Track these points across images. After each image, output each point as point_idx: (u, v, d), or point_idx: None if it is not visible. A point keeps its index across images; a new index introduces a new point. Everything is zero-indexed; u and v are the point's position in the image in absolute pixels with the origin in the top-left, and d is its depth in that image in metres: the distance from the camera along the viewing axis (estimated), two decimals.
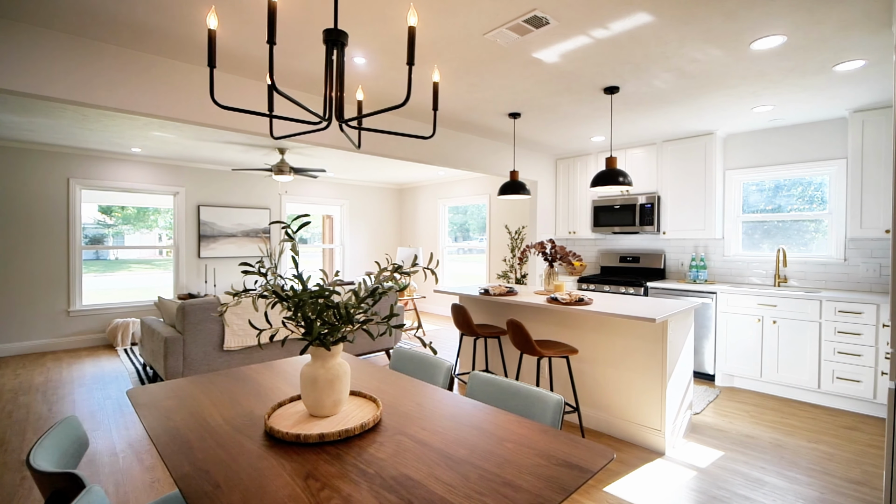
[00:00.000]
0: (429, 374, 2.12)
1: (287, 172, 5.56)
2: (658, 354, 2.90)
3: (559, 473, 1.11)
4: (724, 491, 2.48)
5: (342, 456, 1.19)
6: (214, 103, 1.20)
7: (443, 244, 8.16)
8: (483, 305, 4.04)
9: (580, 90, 3.34)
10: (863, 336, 3.44)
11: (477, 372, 1.89)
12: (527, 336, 2.87)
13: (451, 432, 1.34)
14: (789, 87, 3.23)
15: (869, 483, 2.55)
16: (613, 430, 3.13)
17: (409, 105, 3.73)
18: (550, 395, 1.61)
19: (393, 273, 1.42)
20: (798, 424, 3.33)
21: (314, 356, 1.40)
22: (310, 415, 1.43)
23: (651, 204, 4.85)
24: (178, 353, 3.54)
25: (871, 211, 3.64)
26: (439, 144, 4.41)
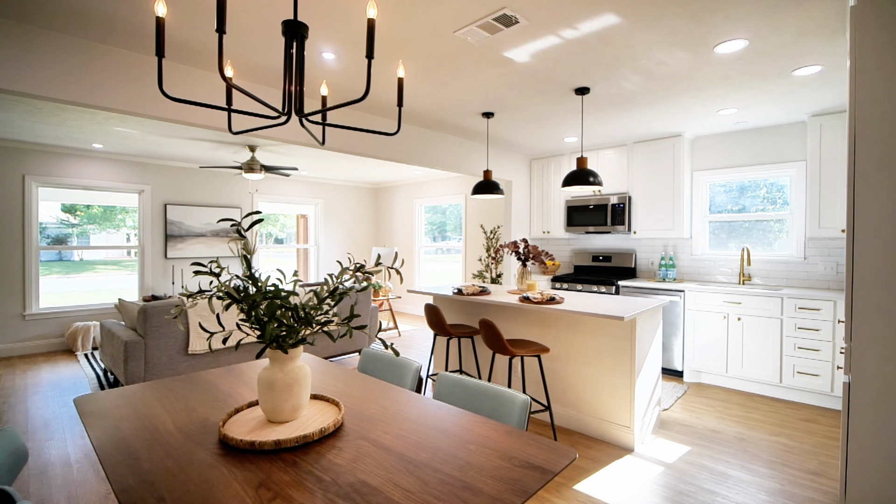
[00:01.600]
0: (397, 375, 2.09)
1: (258, 170, 5.43)
2: (627, 352, 2.94)
3: (521, 475, 1.09)
4: (690, 486, 2.52)
5: (298, 463, 1.14)
6: (163, 94, 1.14)
7: (419, 244, 8.11)
8: (456, 305, 4.02)
9: (552, 91, 3.36)
10: (821, 332, 3.57)
11: (444, 373, 1.87)
12: (498, 335, 2.86)
13: (413, 436, 1.32)
14: (752, 91, 3.33)
15: (826, 474, 2.64)
16: (584, 428, 3.16)
17: (380, 102, 3.68)
18: (517, 395, 1.60)
19: (354, 273, 1.38)
20: (761, 418, 3.44)
21: (272, 360, 1.35)
22: (268, 421, 1.38)
23: (622, 204, 4.93)
24: (139, 358, 3.40)
25: (828, 211, 3.78)
26: (413, 143, 4.38)
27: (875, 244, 1.88)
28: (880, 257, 1.87)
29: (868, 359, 1.92)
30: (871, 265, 1.89)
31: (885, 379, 1.89)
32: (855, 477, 1.97)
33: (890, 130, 1.83)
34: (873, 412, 1.92)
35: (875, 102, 1.87)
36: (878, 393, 1.90)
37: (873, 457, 1.92)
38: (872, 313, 1.90)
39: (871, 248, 1.88)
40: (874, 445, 1.92)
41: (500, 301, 3.29)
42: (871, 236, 1.89)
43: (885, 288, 1.85)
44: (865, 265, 1.90)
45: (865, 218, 1.90)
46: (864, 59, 1.88)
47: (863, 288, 1.92)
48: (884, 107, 1.85)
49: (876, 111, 1.87)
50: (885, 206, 1.84)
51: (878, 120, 1.87)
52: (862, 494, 1.95)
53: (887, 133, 1.84)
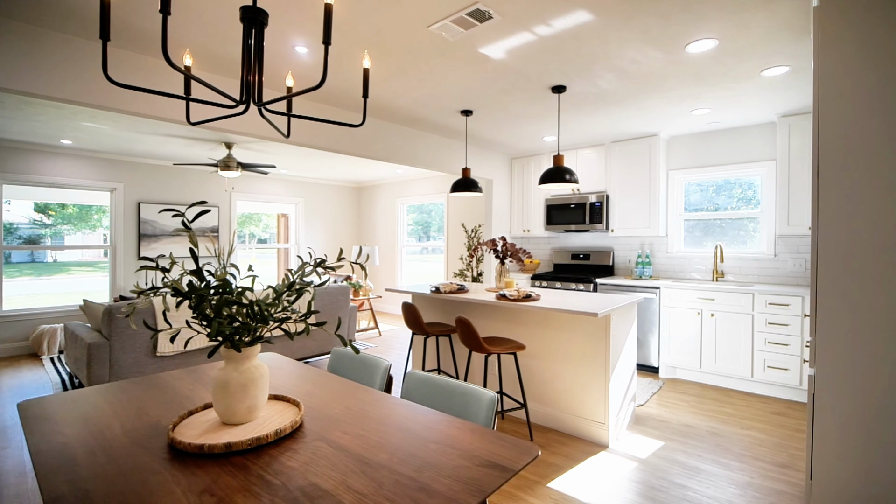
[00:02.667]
0: (367, 374, 2.05)
1: (234, 168, 5.31)
2: (602, 348, 2.94)
3: (480, 474, 1.07)
4: (663, 480, 2.54)
5: (249, 467, 1.10)
6: (108, 79, 1.08)
7: (401, 243, 8.06)
8: (435, 304, 3.99)
9: (529, 88, 3.35)
10: (790, 327, 3.64)
11: (414, 371, 1.84)
12: (474, 333, 2.84)
13: (374, 436, 1.28)
14: (724, 91, 3.37)
15: (794, 466, 2.69)
16: (560, 425, 3.16)
17: (355, 98, 3.63)
18: (484, 393, 1.58)
19: (315, 268, 1.34)
20: (733, 412, 3.49)
21: (227, 359, 1.30)
22: (222, 423, 1.32)
23: (600, 203, 4.96)
24: (103, 361, 3.28)
25: (797, 209, 3.86)
26: (393, 141, 4.33)
27: (838, 241, 1.91)
28: (843, 254, 1.90)
29: (832, 353, 1.95)
30: (834, 262, 1.92)
31: (847, 372, 1.92)
32: (820, 468, 2.00)
33: (852, 131, 1.86)
34: (837, 405, 1.95)
35: (838, 103, 1.90)
36: (842, 386, 1.93)
37: (837, 448, 1.95)
38: (836, 308, 1.93)
39: (835, 245, 1.91)
40: (838, 437, 1.95)
41: (477, 299, 3.27)
42: (835, 234, 1.92)
43: (847, 284, 1.88)
44: (829, 262, 1.93)
45: (829, 216, 1.93)
46: (826, 59, 1.91)
47: (827, 284, 1.95)
48: (846, 107, 1.88)
49: (839, 111, 1.90)
50: (847, 205, 1.87)
51: (841, 120, 1.90)
52: (827, 485, 1.98)
53: (850, 133, 1.87)
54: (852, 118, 1.86)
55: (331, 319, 4.59)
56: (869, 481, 1.87)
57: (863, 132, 1.84)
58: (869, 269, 1.83)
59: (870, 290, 1.82)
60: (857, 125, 1.85)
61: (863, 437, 1.89)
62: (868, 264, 1.83)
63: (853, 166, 1.85)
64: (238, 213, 7.42)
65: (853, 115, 1.86)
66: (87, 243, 7.60)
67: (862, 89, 1.83)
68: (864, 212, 1.83)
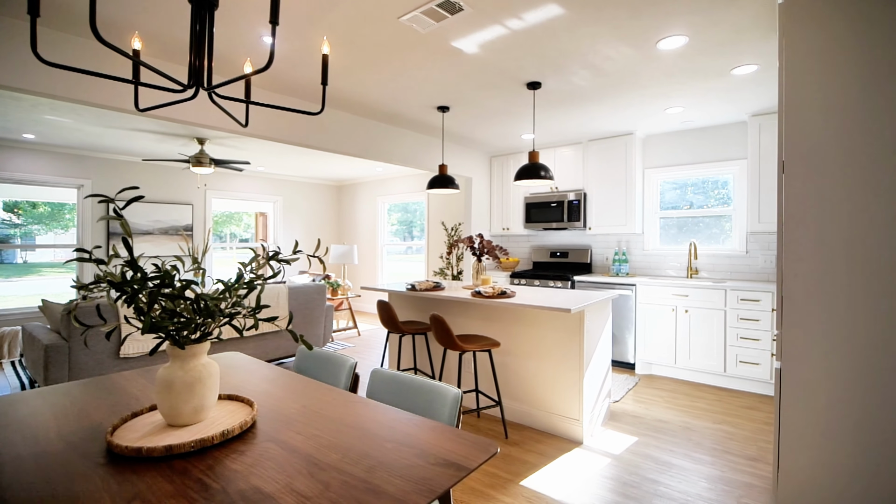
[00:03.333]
0: (332, 373, 1.99)
1: (207, 164, 5.17)
2: (576, 345, 2.93)
3: (434, 474, 1.03)
4: (635, 476, 2.54)
5: (189, 470, 1.04)
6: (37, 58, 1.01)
7: (382, 242, 7.98)
8: (410, 302, 3.94)
9: (504, 84, 3.32)
10: (760, 322, 3.70)
11: (379, 369, 1.79)
12: (448, 330, 2.80)
13: (328, 436, 1.23)
14: (695, 90, 3.40)
15: (763, 459, 2.72)
16: (535, 423, 3.14)
17: (329, 93, 3.55)
18: (449, 390, 1.54)
19: (268, 261, 1.28)
20: (706, 407, 3.52)
21: (171, 357, 1.23)
22: (167, 424, 1.25)
23: (578, 201, 4.97)
24: (61, 363, 3.15)
25: (767, 207, 3.92)
26: (369, 137, 4.26)
27: (802, 237, 1.92)
28: (807, 249, 1.92)
29: (797, 346, 1.96)
30: (799, 257, 1.94)
31: (812, 365, 1.94)
32: (787, 460, 2.01)
33: (817, 128, 1.88)
34: (802, 397, 1.96)
35: (803, 100, 1.91)
36: (807, 379, 1.95)
37: (802, 440, 1.97)
38: (801, 302, 1.95)
39: (799, 240, 1.93)
40: (803, 429, 1.97)
41: (452, 296, 3.23)
42: (799, 229, 1.93)
43: (812, 278, 1.89)
44: (794, 257, 1.95)
45: (793, 212, 1.94)
46: (792, 57, 1.92)
47: (791, 278, 1.96)
48: (811, 105, 1.89)
49: (803, 109, 1.91)
50: (811, 201, 1.89)
51: (806, 117, 1.91)
52: (793, 476, 2.00)
53: (814, 130, 1.88)
54: (817, 115, 1.88)
55: (306, 319, 4.50)
56: (834, 473, 1.89)
57: (827, 130, 1.85)
58: (833, 264, 1.84)
59: (834, 284, 1.84)
60: (821, 123, 1.87)
61: (828, 429, 1.90)
62: (832, 260, 1.85)
63: (817, 163, 1.87)
64: (214, 212, 7.24)
65: (818, 112, 1.88)
66: (60, 243, 7.33)
67: (827, 87, 1.84)
68: (829, 208, 1.85)
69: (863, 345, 1.79)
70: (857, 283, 1.78)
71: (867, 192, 1.75)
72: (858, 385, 1.81)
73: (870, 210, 1.75)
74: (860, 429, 1.81)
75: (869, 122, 1.75)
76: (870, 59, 1.74)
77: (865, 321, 1.79)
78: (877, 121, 1.73)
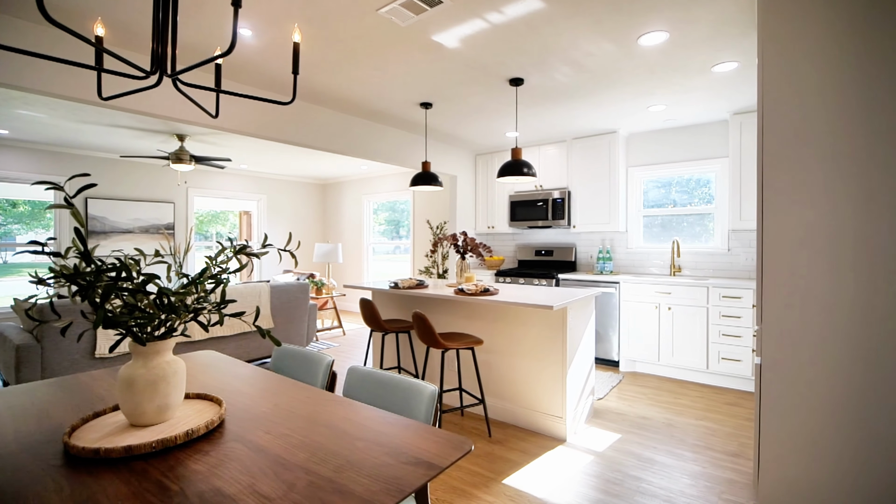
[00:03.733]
0: (309, 371, 1.94)
1: (187, 161, 5.06)
2: (559, 342, 2.93)
3: (404, 472, 1.00)
4: (618, 473, 2.54)
5: (148, 472, 0.99)
6: None
7: (367, 241, 7.91)
8: (394, 300, 3.90)
9: (487, 81, 3.30)
10: (742, 319, 3.74)
11: (356, 367, 1.75)
12: (430, 328, 2.77)
13: (298, 435, 1.19)
14: (677, 87, 3.42)
15: (744, 454, 2.74)
16: (519, 420, 3.13)
17: (310, 88, 3.50)
18: (425, 386, 1.51)
19: (236, 254, 1.24)
20: (688, 404, 3.55)
21: (134, 354, 1.18)
22: (130, 425, 1.21)
23: (562, 199, 4.98)
24: (33, 364, 3.05)
25: (748, 204, 3.97)
26: (352, 134, 4.21)
27: (781, 233, 1.94)
28: (787, 246, 1.93)
29: (777, 342, 1.97)
30: (778, 253, 1.95)
31: (792, 361, 1.95)
32: (767, 455, 2.02)
33: (795, 125, 1.89)
34: (783, 392, 1.97)
35: (781, 97, 1.92)
36: (787, 374, 1.96)
37: (782, 434, 1.98)
38: (780, 298, 1.96)
39: (778, 236, 1.94)
40: (783, 424, 1.98)
41: (435, 294, 3.20)
42: (778, 226, 1.95)
43: (792, 274, 1.90)
44: (773, 252, 1.96)
45: (773, 208, 1.95)
46: (770, 53, 1.93)
47: (771, 274, 1.97)
48: (790, 102, 1.90)
49: (782, 106, 1.92)
50: (790, 198, 1.90)
51: (784, 114, 1.92)
52: (774, 472, 2.01)
53: (792, 127, 1.89)
54: (795, 112, 1.89)
55: (289, 318, 4.43)
56: (814, 467, 1.91)
57: (805, 124, 1.86)
58: (813, 259, 1.85)
59: (814, 280, 1.85)
60: (799, 119, 1.88)
61: (808, 424, 1.92)
62: (811, 256, 1.86)
63: (796, 159, 1.88)
64: (197, 210, 7.11)
65: (796, 109, 1.89)
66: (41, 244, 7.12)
67: (805, 83, 1.85)
68: (807, 204, 1.86)
69: (842, 340, 1.80)
70: (836, 279, 1.80)
71: (846, 188, 1.77)
72: (838, 380, 1.82)
73: (848, 205, 1.77)
74: (840, 424, 1.83)
75: (846, 116, 1.76)
76: (848, 54, 1.76)
77: (844, 316, 1.80)
78: (855, 116, 1.75)
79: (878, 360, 1.72)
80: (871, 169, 1.71)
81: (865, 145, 1.72)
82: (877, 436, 1.74)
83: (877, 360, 1.72)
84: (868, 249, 1.73)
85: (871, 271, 1.72)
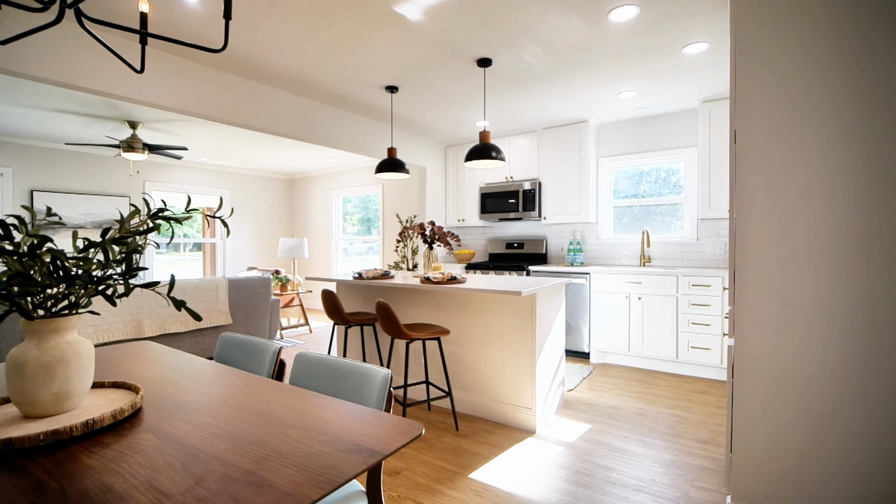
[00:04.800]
0: (255, 360, 1.78)
1: (140, 150, 4.75)
2: (528, 332, 2.83)
3: (339, 461, 0.86)
4: (588, 463, 2.46)
5: (28, 468, 0.82)
6: None
7: (336, 237, 7.68)
8: (358, 292, 3.74)
9: (454, 62, 3.19)
10: (711, 307, 3.74)
11: (304, 352, 1.60)
12: (393, 318, 2.63)
13: (225, 424, 1.04)
14: (647, 70, 3.39)
15: (714, 441, 2.71)
16: (488, 413, 3.02)
17: (264, 65, 3.30)
18: (377, 371, 1.37)
19: (151, 217, 1.07)
20: (659, 393, 3.52)
21: (26, 333, 1.00)
22: (23, 416, 1.02)
23: (533, 190, 4.92)
24: None
25: (717, 193, 3.98)
26: (313, 119, 4.02)
27: (755, 212, 1.89)
28: (761, 225, 1.88)
29: (749, 322, 1.92)
30: (752, 234, 1.90)
31: (764, 341, 1.90)
32: (740, 438, 1.97)
33: (769, 107, 1.83)
34: (755, 374, 1.92)
35: (755, 78, 1.86)
36: (759, 354, 1.91)
37: (754, 417, 1.93)
38: (754, 277, 1.91)
39: (752, 216, 1.89)
40: (756, 407, 1.93)
41: (400, 283, 3.06)
42: (752, 204, 1.89)
43: (765, 252, 1.85)
44: (747, 234, 1.91)
45: (746, 180, 1.90)
46: (744, 33, 1.87)
47: (744, 254, 1.92)
48: (764, 83, 1.85)
49: (756, 91, 1.86)
50: (764, 174, 1.85)
51: (756, 95, 1.86)
52: (746, 455, 1.95)
53: (764, 107, 1.84)
54: (771, 98, 1.83)
55: (249, 313, 4.20)
56: (787, 451, 1.86)
57: (778, 104, 1.81)
58: (786, 240, 1.81)
59: (787, 258, 1.80)
60: (773, 102, 1.82)
61: (780, 407, 1.87)
62: (785, 236, 1.81)
63: (771, 133, 1.83)
64: (154, 206, 6.72)
65: (772, 94, 1.83)
66: None
67: (782, 61, 1.80)
68: (782, 177, 1.81)
69: (816, 320, 1.76)
70: (810, 258, 1.75)
71: (820, 166, 1.72)
72: (812, 362, 1.78)
73: (822, 184, 1.73)
74: (813, 406, 1.78)
75: (821, 98, 1.72)
76: (824, 34, 1.71)
77: (818, 296, 1.76)
78: (829, 98, 1.70)
79: (858, 344, 1.68)
80: (846, 145, 1.67)
81: (838, 124, 1.68)
82: (852, 421, 1.70)
83: (856, 343, 1.68)
84: (845, 227, 1.69)
85: (848, 248, 1.68)
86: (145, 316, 3.44)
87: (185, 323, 3.69)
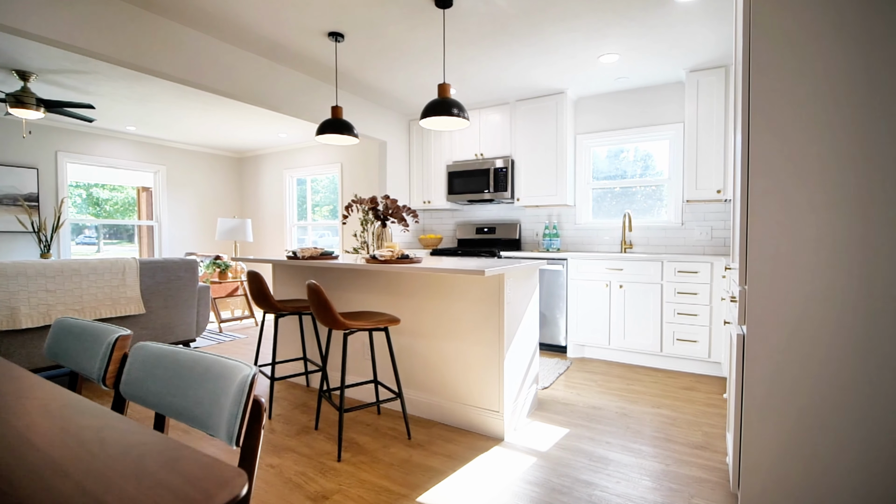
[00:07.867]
0: (88, 352, 1.20)
1: (33, 106, 3.97)
2: (495, 321, 2.34)
3: None
4: (566, 478, 1.99)
5: None
6: None
7: (290, 222, 7.02)
8: (295, 273, 3.16)
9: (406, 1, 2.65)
10: (699, 296, 3.36)
11: (144, 344, 1.04)
12: (325, 302, 2.08)
13: None
14: (633, 26, 2.95)
15: (710, 446, 2.29)
16: (446, 417, 2.52)
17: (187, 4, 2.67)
18: (238, 370, 0.84)
19: None
20: (642, 390, 3.10)
21: None
22: None
23: (506, 169, 4.44)
24: None
25: (705, 172, 3.61)
26: (246, 74, 3.40)
27: (770, 178, 1.45)
28: (778, 206, 1.45)
29: (765, 307, 1.49)
30: (769, 216, 1.47)
31: (783, 328, 1.47)
32: (751, 450, 1.54)
33: (783, 74, 1.41)
34: (772, 369, 1.50)
35: (775, 42, 1.43)
36: (776, 343, 1.49)
37: (769, 423, 1.50)
38: (771, 251, 1.48)
39: (767, 183, 1.46)
40: (772, 410, 1.50)
41: (343, 263, 2.51)
42: (766, 170, 1.46)
43: (785, 222, 1.42)
44: (761, 217, 1.48)
45: (761, 135, 1.46)
46: None
47: (759, 219, 1.49)
48: (783, 51, 1.42)
49: (774, 56, 1.43)
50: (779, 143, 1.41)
51: (778, 66, 1.43)
52: (759, 468, 1.52)
53: (780, 76, 1.42)
54: (792, 66, 1.41)
55: (169, 303, 3.53)
56: (810, 461, 1.44)
57: (793, 73, 1.38)
58: (808, 221, 1.38)
59: (809, 231, 1.38)
60: (786, 70, 1.39)
61: (803, 410, 1.44)
62: (805, 211, 1.38)
63: (802, 120, 1.40)
64: (70, 182, 5.83)
65: (791, 62, 1.41)
66: None
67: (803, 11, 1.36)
68: (805, 137, 1.38)
69: (844, 314, 1.34)
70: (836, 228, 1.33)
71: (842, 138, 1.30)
72: (835, 354, 1.36)
73: (847, 168, 1.31)
74: (844, 413, 1.36)
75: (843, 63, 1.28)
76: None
77: (843, 284, 1.34)
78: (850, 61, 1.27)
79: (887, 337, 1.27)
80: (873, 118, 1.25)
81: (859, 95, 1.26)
82: (882, 418, 1.29)
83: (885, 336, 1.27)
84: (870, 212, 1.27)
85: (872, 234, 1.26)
86: (22, 302, 2.75)
87: (81, 311, 3.02)
